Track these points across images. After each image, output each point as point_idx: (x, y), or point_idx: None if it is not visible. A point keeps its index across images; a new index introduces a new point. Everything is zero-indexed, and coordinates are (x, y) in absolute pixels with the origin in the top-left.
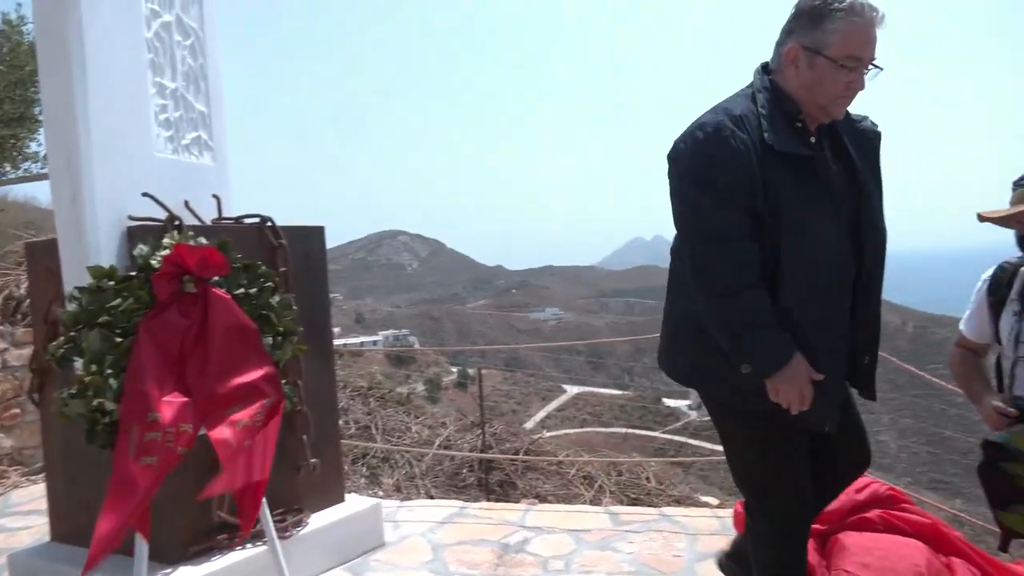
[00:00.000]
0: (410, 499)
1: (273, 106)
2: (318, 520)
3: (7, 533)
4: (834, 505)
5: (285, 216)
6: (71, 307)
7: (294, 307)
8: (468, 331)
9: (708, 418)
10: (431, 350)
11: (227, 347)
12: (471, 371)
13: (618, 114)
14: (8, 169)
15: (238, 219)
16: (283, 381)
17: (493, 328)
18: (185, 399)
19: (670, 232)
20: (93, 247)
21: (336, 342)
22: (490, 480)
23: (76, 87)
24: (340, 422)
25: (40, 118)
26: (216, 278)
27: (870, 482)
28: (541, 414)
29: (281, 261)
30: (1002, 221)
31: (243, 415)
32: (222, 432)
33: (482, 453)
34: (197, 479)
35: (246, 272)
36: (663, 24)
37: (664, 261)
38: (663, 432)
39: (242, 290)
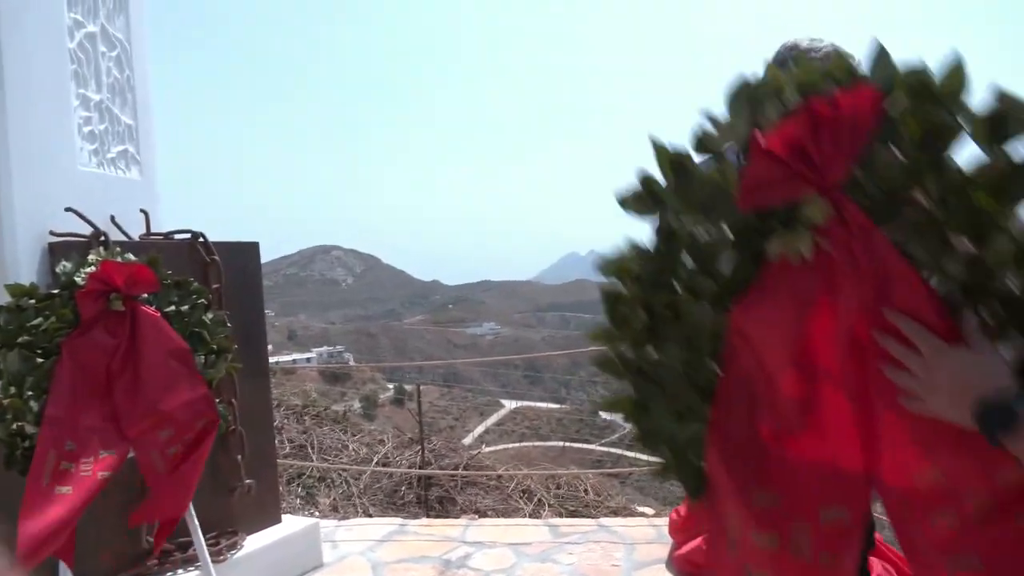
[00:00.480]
0: (348, 518)
1: (200, 117)
2: (254, 542)
3: None
4: None
5: (214, 231)
6: None
7: (228, 324)
8: (405, 347)
9: None
10: (367, 366)
11: (157, 367)
12: (408, 387)
13: (551, 128)
14: None
15: (168, 234)
16: (217, 401)
17: (431, 344)
18: (107, 424)
19: (605, 246)
20: (11, 264)
21: (270, 359)
22: (429, 497)
23: None
24: (275, 441)
25: None
26: (145, 295)
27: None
28: (479, 429)
29: (214, 277)
30: None
31: (174, 440)
32: (151, 457)
33: (420, 470)
34: (125, 502)
35: (177, 289)
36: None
37: (600, 276)
38: (600, 444)
39: (173, 307)
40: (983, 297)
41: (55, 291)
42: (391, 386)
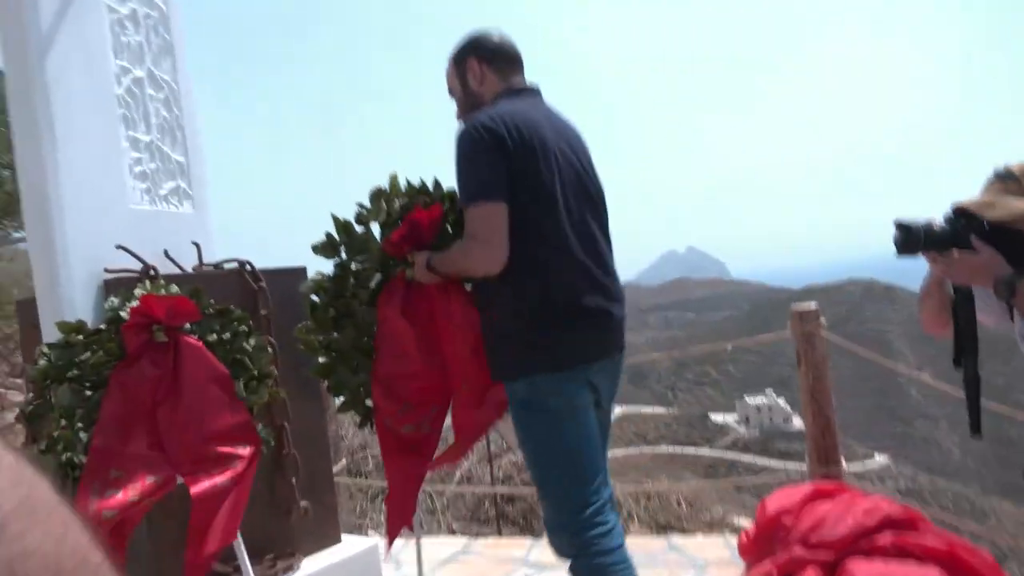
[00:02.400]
0: (426, 535)
1: (267, 147)
2: (311, 564)
3: None
4: (842, 530)
5: (282, 258)
6: (41, 363)
7: (270, 350)
8: None
9: (757, 432)
10: None
11: (199, 395)
12: None
13: (643, 125)
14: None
15: (217, 265)
16: (260, 425)
17: None
18: (152, 452)
19: (704, 242)
20: (67, 301)
21: None
22: (511, 512)
23: (45, 151)
24: (358, 458)
25: None
26: (188, 325)
27: (880, 503)
28: None
29: (262, 303)
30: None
31: (218, 465)
32: (198, 482)
33: (494, 487)
34: (180, 526)
35: (219, 317)
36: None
37: (699, 272)
38: (712, 449)
39: (215, 336)
40: None
41: (101, 326)
42: None
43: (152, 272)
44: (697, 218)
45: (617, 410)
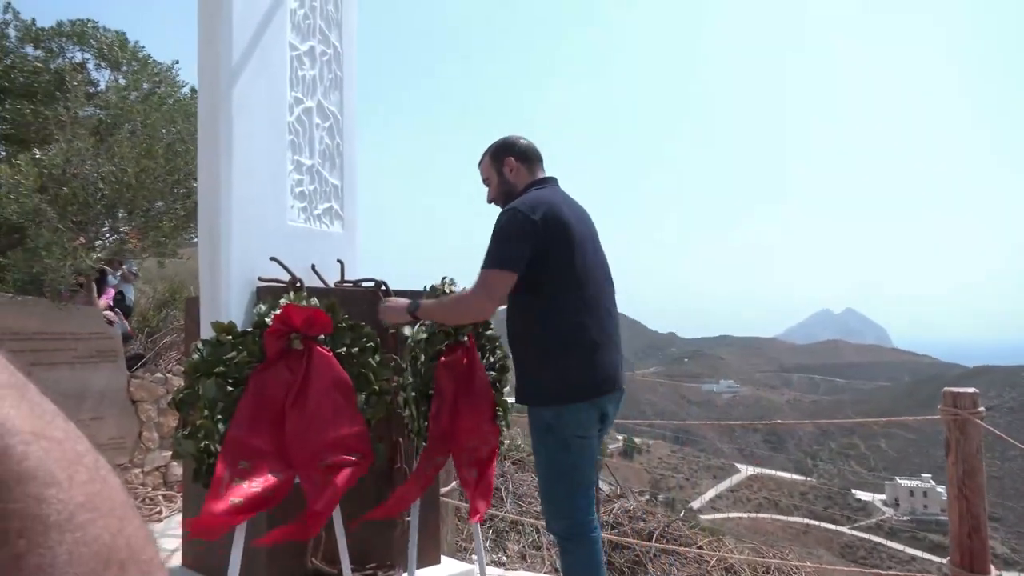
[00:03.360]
0: (533, 569)
1: (416, 174)
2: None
3: (160, 553)
4: None
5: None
6: (194, 357)
7: (396, 367)
8: (636, 399)
9: (906, 518)
10: None
11: (323, 402)
12: (638, 440)
13: (797, 177)
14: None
15: (356, 282)
16: (379, 439)
17: (663, 397)
18: (277, 451)
19: (863, 305)
20: (224, 304)
21: (507, 399)
22: (617, 560)
23: (222, 167)
24: (439, 484)
25: None
26: (322, 336)
27: None
28: (711, 493)
29: None
30: None
31: (330, 470)
32: (312, 483)
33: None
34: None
35: (351, 332)
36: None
37: (855, 336)
38: (851, 528)
39: (344, 349)
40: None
41: (248, 329)
42: (620, 438)
43: (298, 284)
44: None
45: (749, 471)
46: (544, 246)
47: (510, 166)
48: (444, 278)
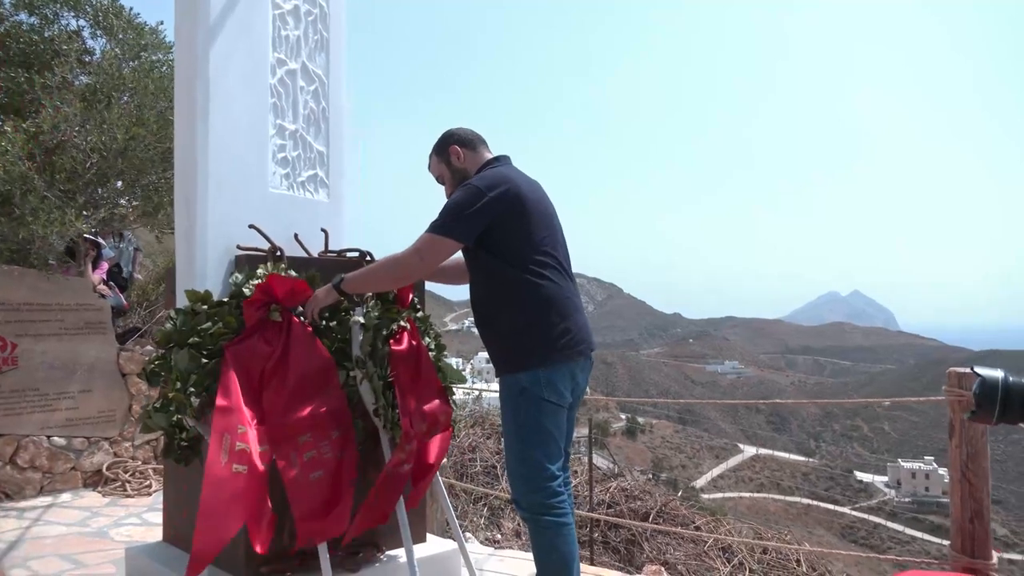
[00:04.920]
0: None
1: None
2: (393, 557)
3: (147, 527)
4: None
5: None
6: (167, 327)
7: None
8: (641, 378)
9: (908, 499)
10: (601, 397)
11: (302, 376)
12: (641, 420)
13: (809, 163)
14: None
15: (340, 252)
16: (359, 416)
17: (667, 377)
18: (258, 424)
19: (870, 288)
20: (200, 273)
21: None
22: (613, 538)
23: (199, 130)
24: (467, 459)
25: None
26: (299, 309)
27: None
28: (714, 472)
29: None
30: None
31: (310, 446)
32: (289, 458)
33: (593, 512)
34: (281, 501)
35: (329, 305)
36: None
37: (862, 319)
38: (852, 509)
39: (323, 322)
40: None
41: (225, 299)
42: (624, 416)
43: (278, 253)
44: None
45: (751, 451)
46: (503, 216)
47: (456, 154)
48: (363, 253)
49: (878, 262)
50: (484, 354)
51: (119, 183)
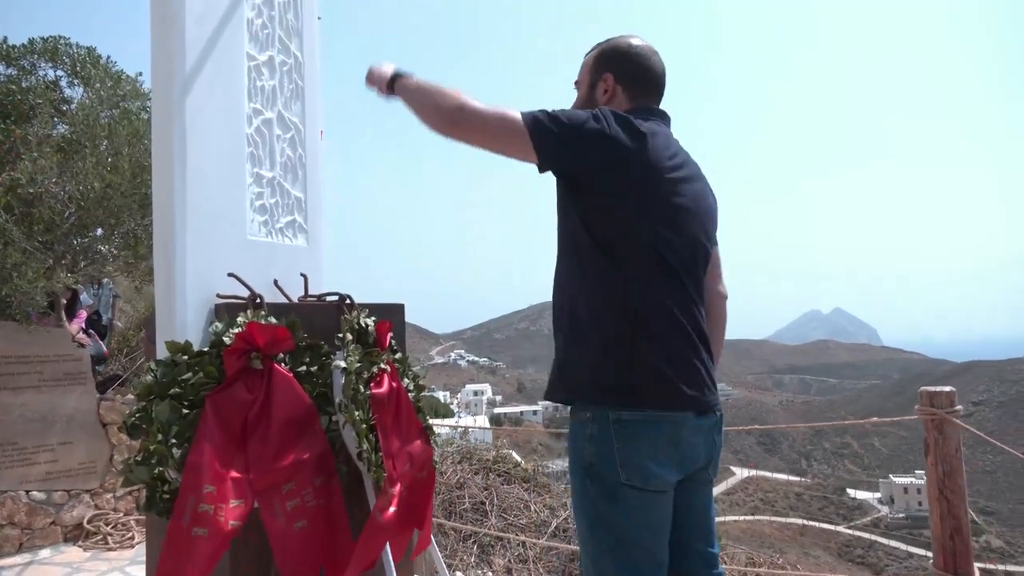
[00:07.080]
0: None
1: (407, 184)
2: None
3: None
4: None
5: (446, 290)
6: (147, 378)
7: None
8: None
9: (901, 515)
10: None
11: (284, 424)
12: None
13: (798, 169)
14: None
15: (320, 297)
16: (342, 461)
17: None
18: (240, 474)
19: (851, 304)
20: (180, 323)
21: (497, 410)
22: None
23: (176, 179)
24: (454, 496)
25: None
26: (281, 355)
27: None
28: None
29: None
30: None
31: (294, 494)
32: (273, 509)
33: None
34: (260, 556)
35: (309, 351)
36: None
37: (845, 336)
38: (848, 527)
39: (304, 368)
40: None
41: (205, 349)
42: None
43: (258, 300)
44: (847, 278)
45: (743, 473)
46: (630, 167)
47: (606, 85)
48: (343, 297)
49: (857, 275)
50: (472, 386)
51: (99, 231)
